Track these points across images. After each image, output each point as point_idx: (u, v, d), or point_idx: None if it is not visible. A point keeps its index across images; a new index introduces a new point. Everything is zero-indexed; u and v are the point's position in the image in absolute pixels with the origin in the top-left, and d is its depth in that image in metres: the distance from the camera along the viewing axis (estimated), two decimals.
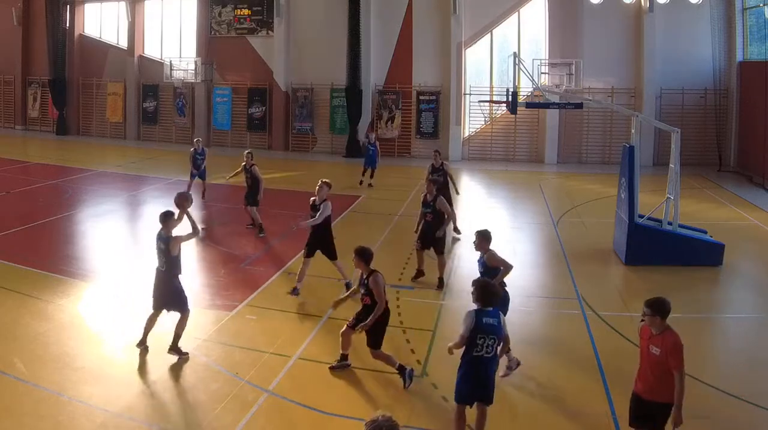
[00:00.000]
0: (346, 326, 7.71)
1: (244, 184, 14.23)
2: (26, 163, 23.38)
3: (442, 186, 13.57)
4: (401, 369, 7.41)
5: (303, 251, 10.38)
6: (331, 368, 7.74)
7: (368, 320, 7.34)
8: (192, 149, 16.94)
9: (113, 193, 18.36)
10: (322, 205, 10.23)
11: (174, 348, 7.94)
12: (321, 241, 10.30)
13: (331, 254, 10.40)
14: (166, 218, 7.91)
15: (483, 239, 8.14)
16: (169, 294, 7.96)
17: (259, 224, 13.88)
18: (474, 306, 6.06)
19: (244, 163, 14.27)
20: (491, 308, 5.97)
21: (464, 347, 5.90)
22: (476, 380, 5.95)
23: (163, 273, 7.94)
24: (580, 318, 9.56)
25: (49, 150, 26.94)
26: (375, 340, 7.49)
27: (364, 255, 7.60)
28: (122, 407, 6.82)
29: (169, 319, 8.49)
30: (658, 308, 5.95)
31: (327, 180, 10.61)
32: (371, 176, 19.60)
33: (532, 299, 10.55)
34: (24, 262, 11.48)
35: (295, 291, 10.06)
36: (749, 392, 7.23)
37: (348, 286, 10.18)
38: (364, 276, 7.58)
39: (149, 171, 22.04)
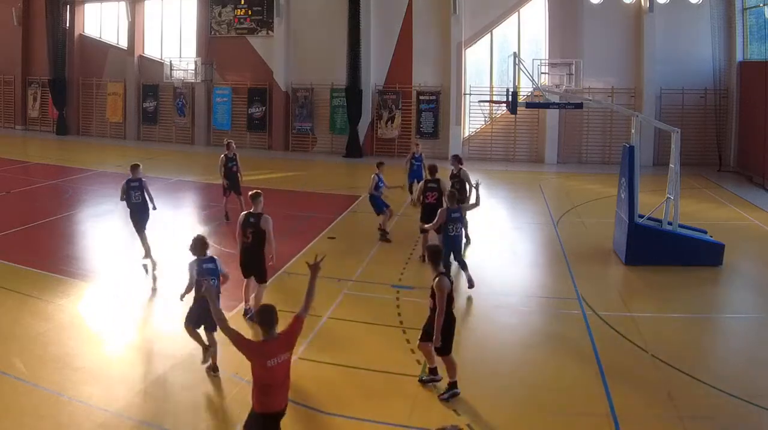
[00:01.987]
0: (419, 340, 7.43)
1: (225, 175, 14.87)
2: (26, 163, 23.38)
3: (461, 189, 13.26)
4: (452, 385, 7.22)
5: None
6: (421, 381, 7.42)
7: (434, 336, 7.04)
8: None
9: (113, 194, 18.28)
10: (263, 221, 9.06)
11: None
12: (255, 261, 9.17)
13: (262, 277, 9.24)
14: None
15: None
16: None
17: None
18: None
19: (225, 153, 14.78)
20: (206, 256, 7.67)
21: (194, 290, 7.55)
22: (204, 312, 7.10)
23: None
24: (580, 318, 9.56)
25: (49, 150, 26.94)
26: (441, 347, 7.18)
27: (433, 255, 7.23)
28: (122, 407, 6.82)
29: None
30: (256, 316, 5.44)
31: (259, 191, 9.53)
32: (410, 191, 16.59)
33: (532, 299, 10.56)
34: (24, 262, 11.48)
35: (248, 313, 9.27)
36: (749, 392, 7.23)
37: (246, 312, 9.29)
38: (432, 277, 7.18)
39: (149, 171, 21.84)
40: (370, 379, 7.59)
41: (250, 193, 9.56)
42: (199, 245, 7.70)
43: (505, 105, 17.46)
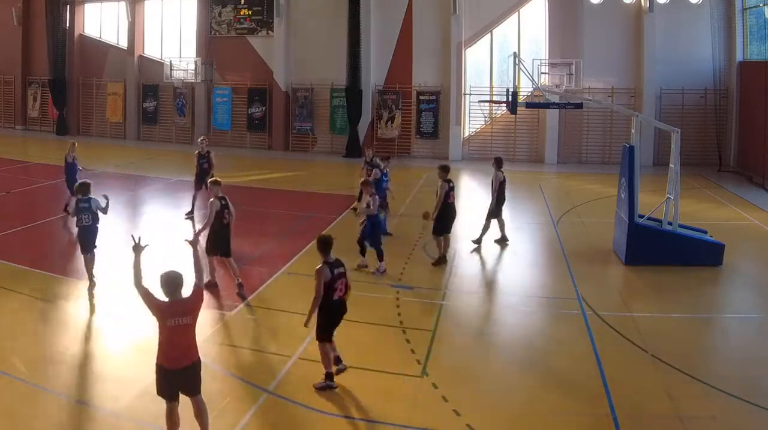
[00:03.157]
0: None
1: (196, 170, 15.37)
2: (26, 163, 23.37)
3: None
4: (328, 376, 7.30)
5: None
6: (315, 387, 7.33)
7: (306, 318, 7.21)
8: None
9: (113, 194, 18.27)
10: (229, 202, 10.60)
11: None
12: (229, 239, 10.52)
13: (230, 251, 10.53)
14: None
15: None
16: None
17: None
18: None
19: (199, 151, 15.43)
20: (84, 197, 10.23)
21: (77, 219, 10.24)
22: (90, 237, 10.30)
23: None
24: (580, 318, 9.56)
25: (49, 150, 26.88)
26: (318, 332, 7.29)
27: (318, 243, 7.39)
28: (122, 407, 6.82)
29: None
30: (161, 280, 6.10)
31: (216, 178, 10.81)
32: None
33: (532, 299, 10.56)
34: (24, 262, 11.48)
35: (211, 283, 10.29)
36: (749, 392, 7.23)
37: (240, 286, 10.25)
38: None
39: (149, 171, 22.02)
40: (370, 379, 7.59)
41: (211, 179, 10.73)
42: (81, 188, 10.36)
43: (505, 105, 17.45)
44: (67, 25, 30.71)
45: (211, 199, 10.32)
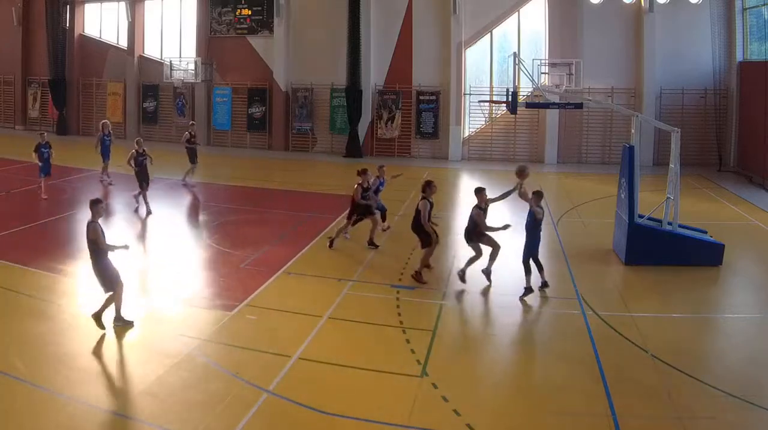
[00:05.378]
0: None
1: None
2: (26, 163, 23.30)
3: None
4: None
5: None
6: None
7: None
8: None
9: (113, 193, 18.36)
10: None
11: None
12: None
13: None
14: None
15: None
16: None
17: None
18: None
19: (135, 149, 16.50)
20: None
21: None
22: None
23: None
24: (580, 318, 9.56)
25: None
26: None
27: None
28: (122, 407, 6.82)
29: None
30: None
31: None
32: (384, 219, 14.54)
33: (532, 299, 10.55)
34: (24, 262, 11.48)
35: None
36: (749, 392, 7.23)
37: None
38: None
39: (149, 171, 21.95)
40: (370, 379, 7.59)
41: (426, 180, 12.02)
42: None
43: (505, 105, 17.44)
44: (67, 25, 30.69)
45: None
